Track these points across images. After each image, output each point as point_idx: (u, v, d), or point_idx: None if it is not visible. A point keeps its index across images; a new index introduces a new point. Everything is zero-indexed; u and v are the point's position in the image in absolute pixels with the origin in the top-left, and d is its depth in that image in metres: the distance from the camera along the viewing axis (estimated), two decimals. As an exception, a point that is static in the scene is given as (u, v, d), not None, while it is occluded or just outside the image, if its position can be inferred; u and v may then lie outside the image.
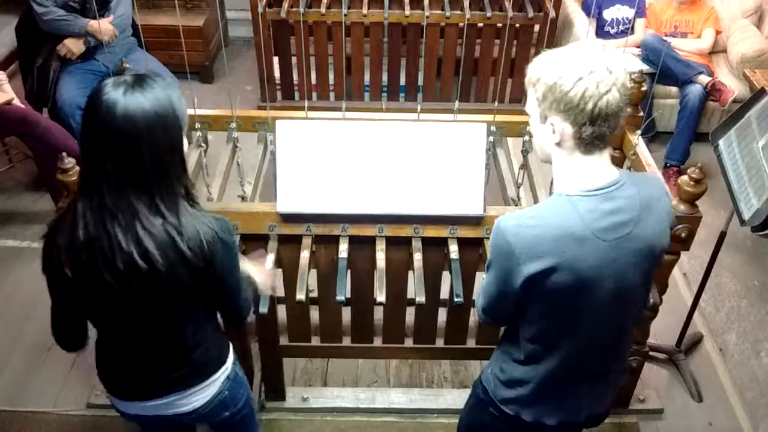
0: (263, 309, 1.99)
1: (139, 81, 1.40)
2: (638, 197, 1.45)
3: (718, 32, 4.27)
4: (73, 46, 3.60)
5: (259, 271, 1.89)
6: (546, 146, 1.49)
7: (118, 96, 1.37)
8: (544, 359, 1.59)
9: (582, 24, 4.26)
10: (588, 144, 1.40)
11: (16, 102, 3.40)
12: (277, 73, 4.36)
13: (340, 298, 2.09)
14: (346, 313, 2.46)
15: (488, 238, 1.80)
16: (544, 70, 1.39)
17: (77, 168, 2.02)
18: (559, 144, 1.44)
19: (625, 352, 1.74)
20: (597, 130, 1.37)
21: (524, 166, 2.39)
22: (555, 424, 1.68)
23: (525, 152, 2.40)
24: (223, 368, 1.76)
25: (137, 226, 1.42)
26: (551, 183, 2.38)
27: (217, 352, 1.75)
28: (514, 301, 1.53)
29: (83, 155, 1.43)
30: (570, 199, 1.42)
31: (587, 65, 1.34)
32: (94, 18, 3.53)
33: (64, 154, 2.02)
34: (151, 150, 1.40)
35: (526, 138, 2.36)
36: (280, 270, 2.23)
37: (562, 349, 1.56)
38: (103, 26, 3.54)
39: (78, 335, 1.68)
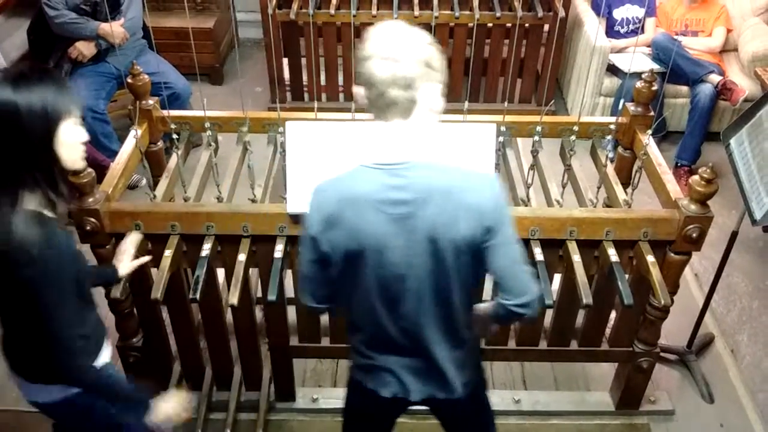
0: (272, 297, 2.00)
1: (17, 74, 1.49)
2: (429, 182, 1.49)
3: (729, 30, 4.25)
4: (85, 48, 3.63)
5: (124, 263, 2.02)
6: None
7: None
8: (360, 325, 1.71)
9: (592, 23, 4.25)
10: (371, 108, 1.48)
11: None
12: (286, 75, 4.37)
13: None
14: (356, 314, 2.46)
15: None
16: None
17: (89, 170, 2.03)
18: (364, 111, 1.53)
19: (446, 344, 1.68)
20: (375, 95, 1.44)
21: (534, 166, 2.39)
22: (389, 396, 1.73)
23: (535, 152, 2.40)
24: (56, 388, 1.75)
25: None
26: (563, 181, 2.39)
27: (45, 368, 1.71)
28: (320, 264, 1.60)
29: None
30: (364, 168, 1.52)
31: (378, 34, 1.43)
32: (106, 21, 3.56)
33: (76, 156, 2.02)
34: (6, 142, 1.47)
35: (536, 138, 2.35)
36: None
37: (366, 317, 1.65)
38: (115, 29, 3.57)
39: None
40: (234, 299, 2.03)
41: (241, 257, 2.13)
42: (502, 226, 1.53)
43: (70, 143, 1.56)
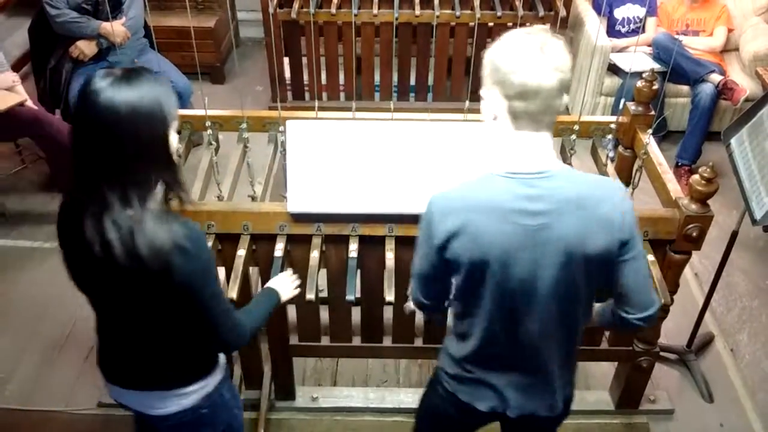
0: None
1: (128, 74, 1.42)
2: (565, 192, 1.44)
3: (730, 30, 4.25)
4: (86, 47, 3.63)
5: (279, 279, 1.96)
6: (487, 124, 1.52)
7: (104, 86, 1.39)
8: (469, 337, 1.63)
9: (593, 23, 4.24)
10: (518, 120, 1.43)
11: (29, 103, 3.43)
12: (287, 74, 4.37)
13: (350, 297, 2.10)
14: (356, 313, 2.47)
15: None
16: (491, 49, 1.44)
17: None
18: (495, 119, 1.47)
19: (559, 359, 1.65)
20: (526, 106, 1.39)
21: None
22: (485, 410, 1.68)
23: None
24: (200, 384, 1.72)
25: (105, 218, 1.42)
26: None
27: (198, 365, 1.72)
28: (439, 268, 1.55)
29: (72, 145, 1.46)
30: (493, 176, 1.47)
31: (522, 43, 1.39)
32: (107, 20, 3.56)
33: (76, 154, 2.03)
34: (132, 143, 1.40)
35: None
36: (290, 270, 2.24)
37: (479, 328, 1.59)
38: (116, 28, 3.57)
39: None
40: (233, 293, 2.03)
41: (241, 252, 2.13)
42: (634, 239, 1.50)
43: (175, 145, 1.52)
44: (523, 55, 1.37)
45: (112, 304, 1.59)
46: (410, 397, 2.71)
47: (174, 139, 1.50)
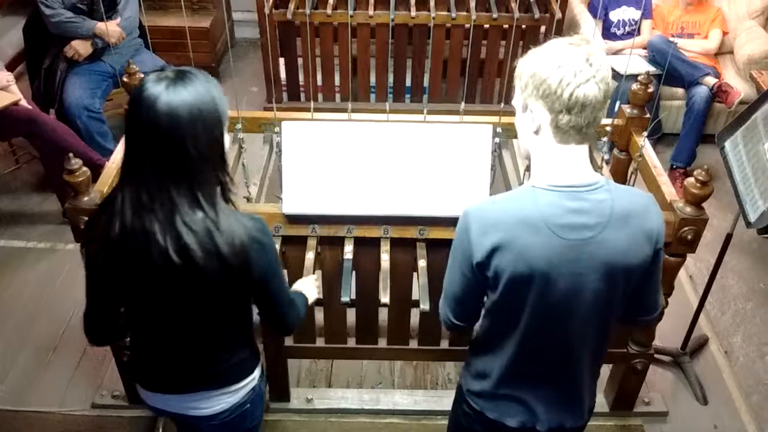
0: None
1: (181, 76, 1.40)
2: (611, 205, 1.42)
3: (724, 33, 4.26)
4: (81, 47, 3.62)
5: (304, 281, 1.97)
6: (526, 137, 1.49)
7: (161, 90, 1.37)
8: (500, 353, 1.59)
9: (588, 25, 4.25)
10: (564, 133, 1.40)
11: (23, 103, 3.41)
12: (283, 74, 4.37)
13: (345, 299, 2.09)
14: (351, 315, 2.46)
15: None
16: (529, 61, 1.41)
17: (84, 169, 2.03)
18: (537, 132, 1.44)
19: (589, 369, 1.65)
20: (573, 119, 1.37)
21: (528, 170, 2.38)
22: (516, 426, 1.65)
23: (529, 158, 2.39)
24: (250, 378, 1.75)
25: (177, 221, 1.41)
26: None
27: (246, 360, 1.73)
28: (475, 287, 1.52)
29: (125, 151, 1.44)
30: (534, 189, 1.43)
31: (567, 55, 1.36)
32: (102, 20, 3.55)
33: (71, 154, 2.02)
34: (193, 144, 1.40)
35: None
36: (319, 272, 2.24)
37: (513, 344, 1.56)
38: (111, 28, 3.56)
39: (109, 330, 1.67)
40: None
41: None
42: (661, 250, 1.51)
43: (228, 143, 1.52)
44: (570, 68, 1.34)
45: (171, 310, 1.55)
46: (405, 399, 2.71)
47: (227, 137, 1.50)
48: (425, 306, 2.06)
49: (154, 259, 1.42)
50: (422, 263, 2.16)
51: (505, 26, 4.16)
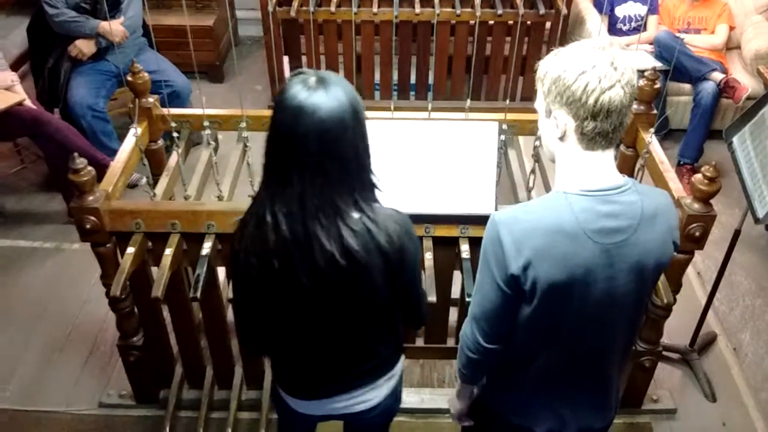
0: None
1: (322, 81, 1.38)
2: (641, 206, 1.41)
3: (731, 28, 4.24)
4: (84, 47, 3.62)
5: None
6: (550, 142, 1.47)
7: (305, 98, 1.35)
8: (531, 363, 1.56)
9: (594, 21, 4.23)
10: (590, 140, 1.38)
11: (28, 103, 3.42)
12: (286, 73, 4.35)
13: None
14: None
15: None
16: (551, 65, 1.38)
17: (89, 168, 2.02)
18: (562, 139, 1.42)
19: (617, 368, 1.64)
20: (599, 125, 1.35)
21: (534, 171, 2.37)
22: (544, 431, 1.64)
23: (536, 156, 2.38)
24: (399, 366, 1.79)
25: (339, 224, 1.41)
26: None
27: (396, 349, 1.76)
28: (509, 302, 1.47)
29: (268, 161, 1.43)
30: (567, 196, 1.40)
31: (591, 60, 1.33)
32: (105, 19, 3.56)
33: (76, 154, 2.02)
34: (351, 145, 1.40)
35: (537, 143, 2.33)
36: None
37: (547, 354, 1.53)
38: (114, 27, 3.56)
39: (266, 339, 1.65)
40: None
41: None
42: (677, 244, 1.52)
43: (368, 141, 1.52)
44: (595, 74, 1.31)
45: (328, 314, 1.54)
46: (411, 398, 2.69)
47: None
48: (432, 298, 2.04)
49: (318, 264, 1.42)
50: (428, 255, 2.14)
51: (510, 22, 4.15)
